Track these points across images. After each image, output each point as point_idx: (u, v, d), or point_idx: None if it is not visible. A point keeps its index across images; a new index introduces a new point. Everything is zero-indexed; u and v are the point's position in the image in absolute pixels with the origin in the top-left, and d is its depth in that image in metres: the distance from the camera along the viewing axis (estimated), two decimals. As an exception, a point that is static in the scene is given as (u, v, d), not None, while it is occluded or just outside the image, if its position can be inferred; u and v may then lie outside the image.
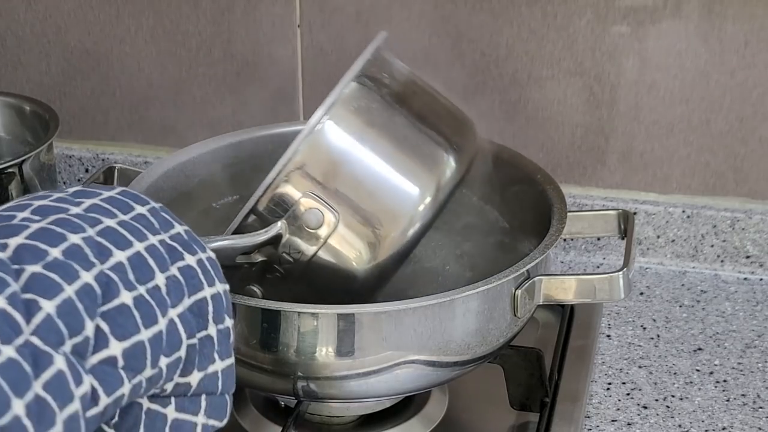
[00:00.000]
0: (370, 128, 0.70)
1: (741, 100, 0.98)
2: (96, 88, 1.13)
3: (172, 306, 0.50)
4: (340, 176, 0.69)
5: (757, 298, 0.98)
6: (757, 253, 1.01)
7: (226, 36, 1.07)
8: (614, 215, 0.84)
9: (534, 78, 1.01)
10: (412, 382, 0.72)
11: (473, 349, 0.72)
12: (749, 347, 0.91)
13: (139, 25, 1.09)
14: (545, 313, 0.93)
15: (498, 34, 1.00)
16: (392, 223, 0.69)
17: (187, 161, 0.87)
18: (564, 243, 1.05)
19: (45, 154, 0.98)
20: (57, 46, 1.12)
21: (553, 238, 0.75)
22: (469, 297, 0.69)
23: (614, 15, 0.97)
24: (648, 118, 1.00)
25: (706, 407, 0.83)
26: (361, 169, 0.69)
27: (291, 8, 1.04)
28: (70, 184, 1.15)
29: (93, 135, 1.15)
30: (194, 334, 0.52)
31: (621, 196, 1.04)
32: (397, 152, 0.70)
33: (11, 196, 0.95)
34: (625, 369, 0.88)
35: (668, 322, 0.94)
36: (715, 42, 0.96)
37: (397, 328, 0.68)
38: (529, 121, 1.03)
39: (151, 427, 0.52)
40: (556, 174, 0.90)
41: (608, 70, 0.99)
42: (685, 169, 1.02)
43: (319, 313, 0.68)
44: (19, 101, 1.07)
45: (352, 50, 1.04)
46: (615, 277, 0.74)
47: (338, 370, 0.69)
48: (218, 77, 1.08)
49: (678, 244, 1.03)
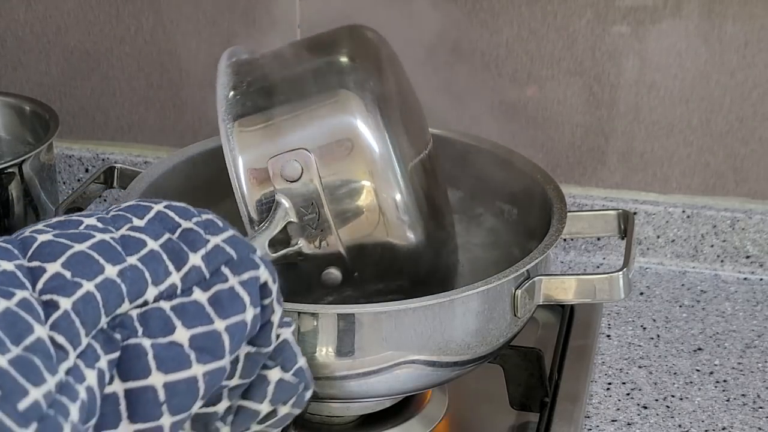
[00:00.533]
0: (271, 107, 0.72)
1: (741, 100, 0.98)
2: (96, 88, 1.13)
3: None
4: (278, 143, 0.71)
5: (757, 298, 0.98)
6: (757, 253, 1.01)
7: (226, 36, 1.07)
8: (614, 215, 0.84)
9: (534, 78, 1.01)
10: (412, 382, 0.72)
11: (473, 349, 0.72)
12: (749, 347, 0.91)
13: (139, 25, 1.09)
14: (545, 313, 0.93)
15: (498, 34, 1.00)
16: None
17: (187, 161, 0.87)
18: (564, 243, 1.05)
19: (45, 154, 0.98)
20: (57, 46, 1.12)
21: (553, 238, 0.75)
22: (469, 297, 0.69)
23: (614, 15, 0.97)
24: (648, 118, 1.00)
25: (706, 407, 0.83)
26: (286, 124, 0.72)
27: (291, 8, 1.04)
28: (70, 184, 1.15)
29: (93, 135, 1.15)
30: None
31: (621, 196, 1.04)
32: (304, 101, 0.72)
33: (11, 196, 0.95)
34: (625, 369, 0.88)
35: (668, 322, 0.94)
36: (715, 42, 0.96)
37: (397, 328, 0.68)
38: (529, 121, 1.03)
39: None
40: (556, 174, 0.90)
41: (608, 70, 0.99)
42: (685, 169, 1.02)
43: (319, 313, 0.68)
44: (19, 101, 1.07)
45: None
46: (615, 277, 0.74)
47: (338, 370, 0.69)
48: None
49: (678, 244, 1.03)
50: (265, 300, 0.58)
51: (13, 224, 0.96)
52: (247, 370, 0.59)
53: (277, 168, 0.71)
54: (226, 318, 0.55)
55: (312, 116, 0.71)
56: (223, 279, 0.56)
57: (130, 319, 0.53)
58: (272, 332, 0.59)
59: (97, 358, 0.51)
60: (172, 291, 0.55)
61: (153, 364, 0.53)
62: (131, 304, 0.53)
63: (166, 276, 0.55)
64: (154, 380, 0.52)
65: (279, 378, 0.60)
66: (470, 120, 1.03)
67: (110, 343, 0.52)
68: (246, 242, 0.59)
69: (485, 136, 0.92)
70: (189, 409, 0.54)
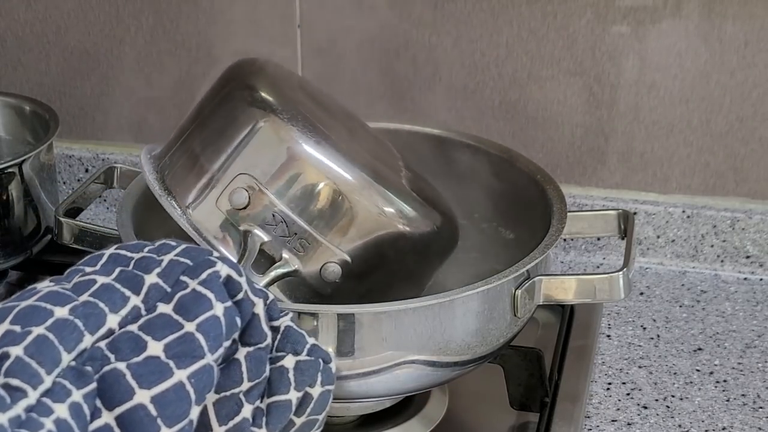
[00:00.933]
0: (198, 162, 0.74)
1: (741, 100, 0.98)
2: (96, 88, 1.13)
3: None
4: (219, 185, 0.73)
5: (757, 298, 0.98)
6: (757, 253, 1.01)
7: (226, 36, 1.07)
8: (614, 215, 0.84)
9: (534, 78, 1.01)
10: (412, 382, 0.72)
11: (473, 349, 0.72)
12: (749, 347, 0.91)
13: (139, 25, 1.09)
14: (545, 313, 0.93)
15: (498, 34, 1.00)
16: None
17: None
18: (564, 243, 1.05)
19: (45, 154, 0.98)
20: (57, 46, 1.12)
21: (553, 238, 0.75)
22: (469, 297, 0.69)
23: (614, 15, 0.97)
24: (648, 118, 1.00)
25: (706, 407, 0.83)
26: (217, 166, 0.73)
27: (291, 8, 1.04)
28: (70, 184, 1.15)
29: (93, 135, 1.15)
30: None
31: (621, 196, 1.04)
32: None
33: (11, 196, 0.95)
34: (625, 369, 0.88)
35: (668, 322, 0.94)
36: (715, 42, 0.96)
37: (397, 328, 0.68)
38: (529, 121, 1.03)
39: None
40: (556, 174, 0.90)
41: (608, 70, 0.99)
42: (685, 169, 1.02)
43: (319, 313, 0.68)
44: (19, 101, 1.07)
45: (352, 50, 1.04)
46: (615, 277, 0.74)
47: (338, 370, 0.69)
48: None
49: (678, 244, 1.03)
50: (236, 294, 0.58)
51: (13, 224, 0.96)
52: (254, 371, 0.59)
53: (227, 204, 0.72)
54: (195, 318, 0.55)
55: (238, 147, 0.72)
56: (183, 286, 0.56)
57: (98, 350, 0.53)
58: (262, 325, 0.59)
59: (68, 393, 0.51)
60: (136, 313, 0.55)
61: (134, 383, 0.52)
62: (94, 336, 0.53)
63: (124, 302, 0.55)
64: (141, 398, 0.52)
65: (295, 362, 0.61)
66: (470, 120, 1.03)
67: (82, 376, 0.52)
68: (201, 249, 0.59)
69: (485, 136, 0.92)
70: (186, 416, 0.54)
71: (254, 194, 0.71)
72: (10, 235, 0.96)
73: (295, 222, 0.71)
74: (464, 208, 0.84)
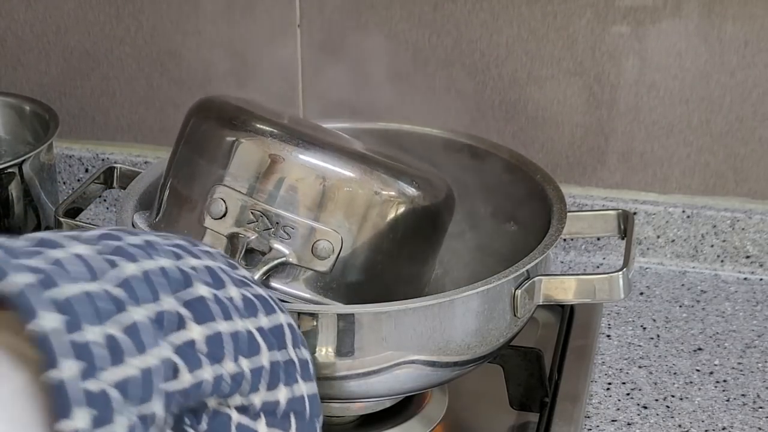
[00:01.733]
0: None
1: (741, 100, 0.98)
2: (96, 88, 1.13)
3: (247, 317, 0.51)
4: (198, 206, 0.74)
5: (757, 298, 0.98)
6: (757, 253, 1.01)
7: (226, 36, 1.07)
8: (614, 215, 0.84)
9: (534, 78, 1.01)
10: (412, 382, 0.72)
11: (473, 349, 0.72)
12: (749, 347, 0.91)
13: (139, 25, 1.09)
14: (545, 313, 0.93)
15: (498, 34, 1.00)
16: None
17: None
18: (564, 243, 1.05)
19: (45, 154, 0.98)
20: (57, 47, 1.12)
21: (553, 238, 0.75)
22: (469, 297, 0.69)
23: (614, 15, 0.97)
24: (648, 118, 1.00)
25: (706, 407, 0.83)
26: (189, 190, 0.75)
27: (291, 8, 1.04)
28: (70, 184, 1.15)
29: (93, 135, 1.15)
30: (274, 349, 0.52)
31: (621, 196, 1.04)
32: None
33: (11, 196, 0.95)
34: (625, 369, 0.88)
35: (668, 322, 0.94)
36: (715, 42, 0.96)
37: (397, 328, 0.68)
38: (529, 121, 1.03)
39: None
40: (556, 174, 0.90)
41: (608, 70, 0.99)
42: (685, 169, 1.02)
43: (318, 313, 0.68)
44: (19, 101, 1.07)
45: (352, 50, 1.04)
46: (615, 277, 0.74)
47: (338, 370, 0.69)
48: (218, 77, 1.08)
49: (678, 244, 1.03)
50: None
51: (13, 224, 0.96)
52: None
53: (209, 220, 0.72)
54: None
55: (205, 166, 0.73)
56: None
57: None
58: None
59: None
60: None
61: None
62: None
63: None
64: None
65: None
66: (470, 120, 1.03)
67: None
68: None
69: (485, 136, 0.92)
70: None
71: (229, 200, 0.71)
72: (10, 235, 0.96)
73: (271, 211, 0.71)
74: (464, 208, 0.84)
